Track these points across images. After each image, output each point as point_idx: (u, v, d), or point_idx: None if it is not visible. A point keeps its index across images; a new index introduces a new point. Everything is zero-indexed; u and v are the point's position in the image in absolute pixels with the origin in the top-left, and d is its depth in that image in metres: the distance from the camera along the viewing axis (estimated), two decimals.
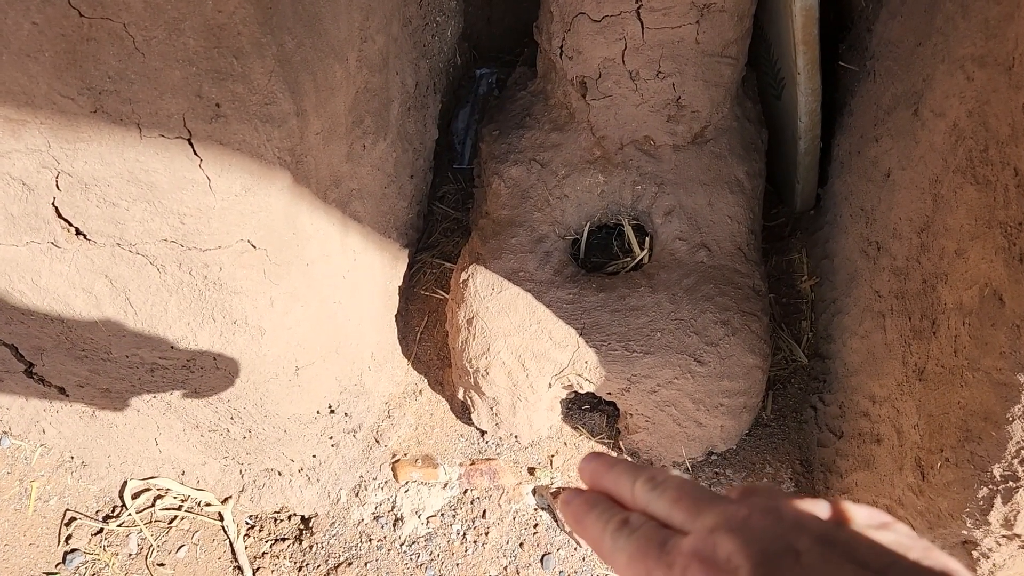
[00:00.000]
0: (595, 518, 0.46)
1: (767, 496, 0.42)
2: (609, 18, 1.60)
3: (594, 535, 0.46)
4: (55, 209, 1.09)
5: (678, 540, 0.41)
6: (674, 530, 0.42)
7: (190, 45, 0.96)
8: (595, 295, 1.65)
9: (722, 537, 0.39)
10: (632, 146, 1.77)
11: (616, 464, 0.48)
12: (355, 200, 1.52)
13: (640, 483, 0.46)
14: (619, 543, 0.43)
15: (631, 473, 0.47)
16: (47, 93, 0.95)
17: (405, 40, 1.70)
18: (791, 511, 0.40)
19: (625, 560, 0.43)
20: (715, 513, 0.41)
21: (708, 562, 0.38)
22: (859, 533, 0.38)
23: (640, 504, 0.45)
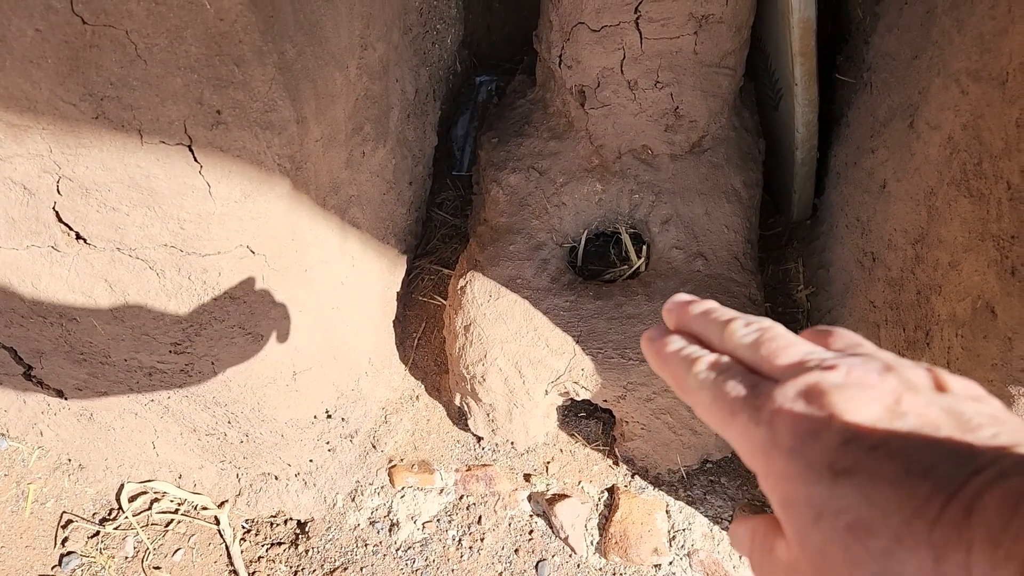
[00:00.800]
0: (681, 357, 0.45)
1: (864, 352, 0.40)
2: (608, 28, 1.61)
3: (678, 371, 0.44)
4: (56, 213, 1.10)
5: (769, 386, 0.39)
6: (763, 377, 0.41)
7: (192, 52, 0.97)
8: (592, 303, 1.66)
9: (815, 389, 0.37)
10: (630, 155, 1.78)
11: (704, 307, 0.47)
12: (354, 206, 1.53)
13: (731, 326, 0.44)
14: (705, 382, 0.42)
15: (721, 316, 0.45)
16: (49, 99, 0.96)
17: (405, 48, 1.71)
18: (895, 369, 0.38)
19: (709, 399, 0.42)
20: (811, 361, 0.39)
21: (799, 413, 0.37)
22: (960, 401, 0.36)
23: (729, 347, 0.44)
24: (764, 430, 0.38)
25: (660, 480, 1.77)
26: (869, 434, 0.35)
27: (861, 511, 0.34)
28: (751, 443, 0.39)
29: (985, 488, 0.31)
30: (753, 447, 0.39)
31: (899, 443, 0.34)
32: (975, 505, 0.31)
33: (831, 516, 0.35)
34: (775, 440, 0.37)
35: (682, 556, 1.68)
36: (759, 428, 0.38)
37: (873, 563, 0.33)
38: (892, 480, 0.33)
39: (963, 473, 0.32)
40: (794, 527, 0.37)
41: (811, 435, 0.36)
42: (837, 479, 0.35)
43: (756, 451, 0.39)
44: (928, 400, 0.36)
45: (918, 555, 0.32)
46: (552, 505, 1.73)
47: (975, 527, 0.31)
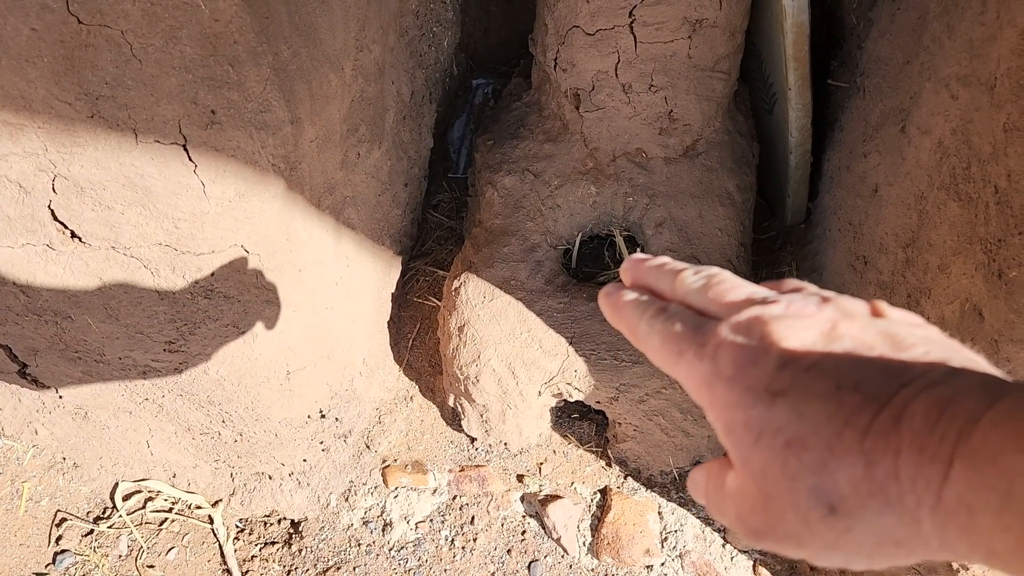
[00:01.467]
0: (634, 306, 0.47)
1: (805, 290, 0.42)
2: (603, 32, 1.62)
3: (631, 320, 0.46)
4: (51, 212, 1.10)
5: (713, 324, 0.41)
6: (711, 318, 0.43)
7: (186, 53, 0.98)
8: (585, 305, 1.67)
9: (757, 317, 0.39)
10: (624, 158, 1.79)
11: (658, 260, 0.49)
12: (349, 207, 1.54)
13: (681, 275, 0.46)
14: (655, 326, 0.44)
15: (673, 266, 0.47)
16: (45, 98, 0.97)
17: (401, 50, 1.72)
18: (832, 300, 0.40)
19: (658, 341, 0.44)
20: (754, 297, 0.41)
21: (739, 344, 0.39)
22: (895, 325, 0.38)
23: (679, 295, 0.46)
24: (707, 364, 0.40)
25: (652, 481, 1.78)
26: (804, 357, 0.36)
27: (796, 427, 0.35)
28: (696, 378, 0.41)
29: (913, 397, 0.33)
30: (698, 381, 0.40)
31: (832, 363, 0.36)
32: (903, 414, 0.33)
33: (769, 435, 0.36)
34: (717, 371, 0.39)
35: (674, 557, 1.69)
36: (703, 363, 0.40)
37: (809, 475, 0.35)
38: (824, 396, 0.35)
39: (893, 386, 0.34)
40: (737, 451, 0.38)
41: (750, 362, 0.38)
42: (774, 400, 0.36)
43: (701, 384, 0.40)
44: (864, 324, 0.38)
45: (849, 463, 0.34)
46: (545, 506, 1.74)
47: (903, 434, 0.32)
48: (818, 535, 0.36)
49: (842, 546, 0.35)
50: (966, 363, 0.35)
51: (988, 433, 0.30)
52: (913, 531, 0.33)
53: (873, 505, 0.33)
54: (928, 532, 0.33)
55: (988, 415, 0.31)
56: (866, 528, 0.34)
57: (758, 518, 0.38)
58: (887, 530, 0.34)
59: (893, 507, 0.33)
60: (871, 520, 0.34)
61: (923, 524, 0.33)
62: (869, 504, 0.34)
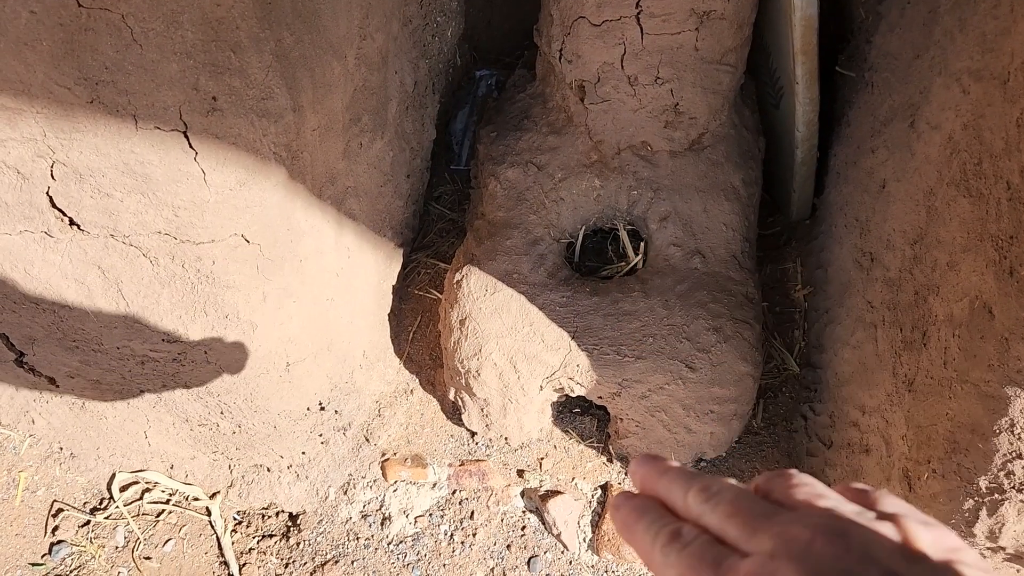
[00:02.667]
0: (645, 527, 0.44)
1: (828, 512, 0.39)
2: (609, 23, 1.60)
3: (644, 546, 0.44)
4: (49, 199, 1.09)
5: (734, 562, 0.38)
6: (728, 546, 0.40)
7: (188, 38, 0.96)
8: (588, 299, 1.65)
9: (784, 565, 0.36)
10: (629, 151, 1.77)
11: (669, 470, 0.46)
12: (351, 198, 1.52)
13: (693, 492, 0.43)
14: (670, 558, 0.41)
15: (684, 481, 0.44)
16: (44, 82, 0.95)
17: (405, 39, 1.70)
18: (859, 536, 0.37)
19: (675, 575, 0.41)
20: (774, 534, 0.38)
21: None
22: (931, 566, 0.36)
23: (693, 515, 0.43)
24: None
25: None
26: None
27: None
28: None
29: None
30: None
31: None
32: None
33: None
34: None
35: None
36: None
37: None
38: None
39: None
40: None
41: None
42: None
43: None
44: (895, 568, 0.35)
45: None
46: (545, 501, 1.72)
47: None
48: None
49: None
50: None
51: None
52: None
53: None
54: None
55: None
56: None
57: None
58: None
59: None
60: None
61: None
62: None
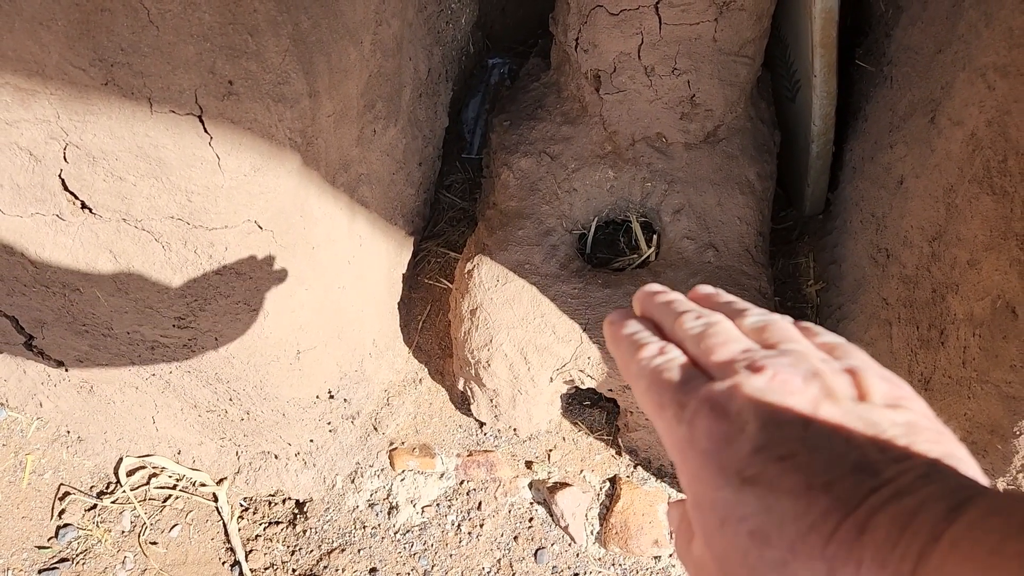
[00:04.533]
0: (630, 340, 0.46)
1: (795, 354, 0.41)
2: (627, 12, 1.58)
3: (624, 355, 0.46)
4: (62, 181, 1.08)
5: (698, 383, 0.40)
6: (700, 370, 0.42)
7: (205, 20, 0.95)
8: (600, 291, 1.64)
9: (739, 389, 0.38)
10: (644, 142, 1.75)
11: (669, 296, 0.48)
12: (363, 185, 1.51)
13: (682, 318, 0.45)
14: (644, 368, 0.43)
15: (678, 307, 0.46)
16: (58, 63, 0.94)
17: (420, 26, 1.69)
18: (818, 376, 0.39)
19: (644, 386, 0.43)
20: (742, 362, 0.40)
21: (718, 411, 0.38)
22: (876, 411, 0.37)
23: (677, 338, 0.45)
24: (685, 428, 0.39)
25: (663, 472, 1.76)
26: (779, 444, 0.36)
27: (761, 520, 0.35)
28: (672, 439, 0.40)
29: (880, 507, 0.33)
30: (673, 443, 0.40)
31: (806, 455, 0.35)
32: (868, 524, 0.33)
33: (734, 522, 0.36)
34: (693, 440, 0.38)
35: None
36: (681, 426, 0.39)
37: (769, 571, 0.35)
38: (793, 492, 0.35)
39: (862, 490, 0.34)
40: (702, 529, 0.38)
41: (725, 440, 0.37)
42: (743, 486, 0.36)
43: (675, 447, 0.40)
44: (846, 409, 0.37)
45: (811, 568, 0.34)
46: (553, 493, 1.72)
47: (866, 545, 0.33)
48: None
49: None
50: (944, 456, 0.35)
51: (946, 555, 0.30)
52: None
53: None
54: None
55: (948, 533, 0.31)
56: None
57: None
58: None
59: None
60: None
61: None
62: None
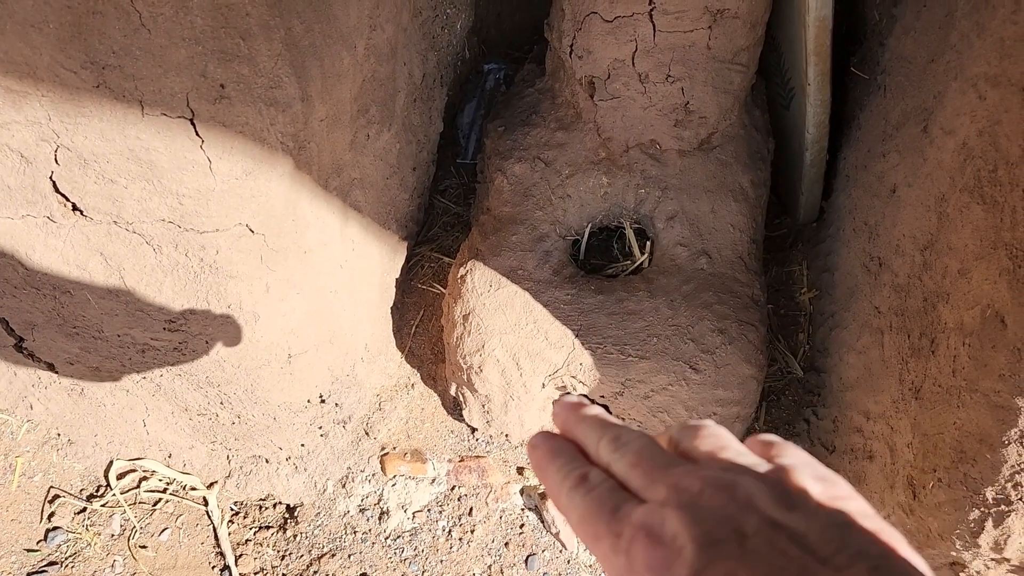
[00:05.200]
0: (556, 469, 0.46)
1: (724, 463, 0.41)
2: (621, 19, 1.58)
3: (553, 487, 0.46)
4: (52, 183, 1.07)
5: (630, 509, 0.40)
6: (631, 494, 0.42)
7: (197, 24, 0.95)
8: (593, 297, 1.64)
9: (671, 513, 0.38)
10: (638, 149, 1.75)
11: (586, 417, 0.48)
12: (356, 189, 1.51)
13: (605, 441, 0.45)
14: (575, 500, 0.43)
15: (598, 429, 0.46)
16: (50, 65, 0.94)
17: (414, 31, 1.69)
18: (745, 487, 0.39)
19: (577, 518, 0.43)
20: (669, 485, 0.40)
21: (654, 537, 0.38)
22: (812, 511, 0.38)
23: (602, 462, 0.45)
24: (623, 559, 0.39)
25: None
26: (717, 564, 0.36)
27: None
28: (613, 571, 0.40)
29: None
30: (614, 573, 0.40)
31: (745, 573, 0.35)
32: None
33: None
34: (632, 570, 0.38)
35: None
36: (618, 556, 0.39)
37: None
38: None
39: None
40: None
41: (663, 567, 0.37)
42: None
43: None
44: (779, 519, 0.37)
45: None
46: (544, 500, 1.71)
47: None
48: None
49: None
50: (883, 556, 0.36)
51: None
52: None
53: None
54: None
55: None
56: None
57: None
58: None
59: None
60: None
61: None
62: None
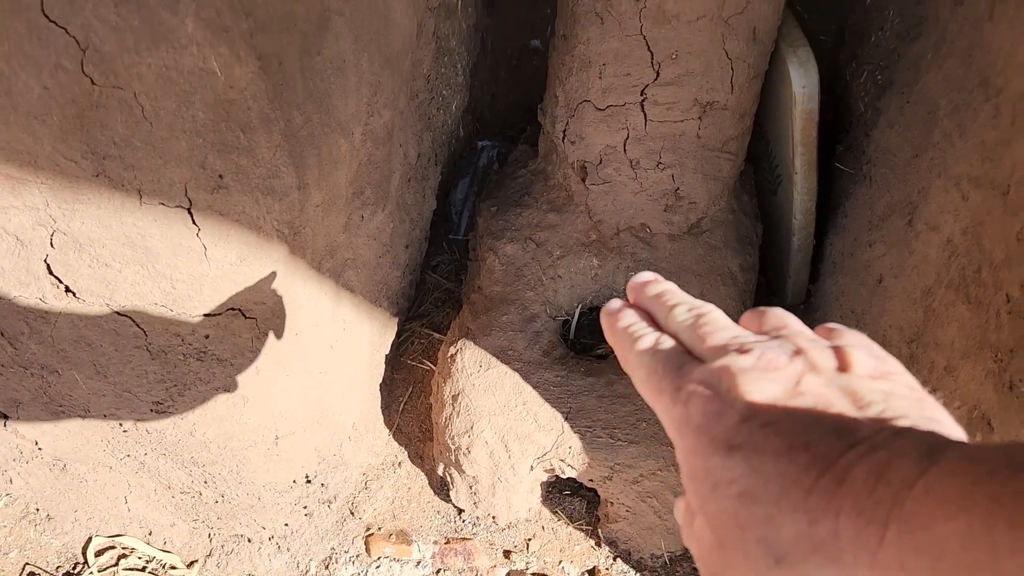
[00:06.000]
0: (629, 333, 0.49)
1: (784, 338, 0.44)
2: (613, 108, 1.62)
3: (624, 347, 0.49)
4: (47, 266, 1.08)
5: (692, 367, 0.43)
6: (694, 358, 0.44)
7: (199, 118, 0.97)
8: (583, 379, 1.64)
9: (728, 369, 0.41)
10: (628, 232, 1.78)
11: (660, 289, 0.51)
12: (349, 270, 1.52)
13: (675, 312, 0.48)
14: (643, 359, 0.46)
15: (670, 298, 0.49)
16: (51, 154, 0.95)
17: (411, 113, 1.72)
18: (802, 354, 0.41)
19: (643, 375, 0.46)
20: (731, 347, 0.43)
21: (710, 391, 0.41)
22: (858, 381, 0.40)
23: (671, 328, 0.48)
24: (680, 409, 0.42)
25: (643, 564, 1.73)
26: (764, 412, 0.39)
27: (749, 481, 0.38)
28: (670, 420, 0.43)
29: (856, 461, 0.35)
30: (671, 423, 0.43)
31: (789, 421, 0.38)
32: (846, 476, 0.35)
33: (724, 486, 0.39)
34: (688, 418, 0.42)
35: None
36: (676, 407, 0.42)
37: (757, 527, 0.38)
38: (776, 453, 0.37)
39: (840, 447, 0.36)
40: (696, 497, 0.41)
41: (716, 415, 0.40)
42: (731, 453, 0.39)
43: (673, 427, 0.43)
44: (828, 380, 0.40)
45: (794, 519, 0.36)
46: None
47: (844, 495, 0.35)
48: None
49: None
50: (919, 422, 0.37)
51: (920, 499, 0.32)
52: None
53: (815, 560, 0.36)
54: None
55: (922, 481, 0.33)
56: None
57: (715, 560, 0.41)
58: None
59: (833, 562, 0.36)
60: (813, 572, 0.36)
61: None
62: (811, 559, 0.36)
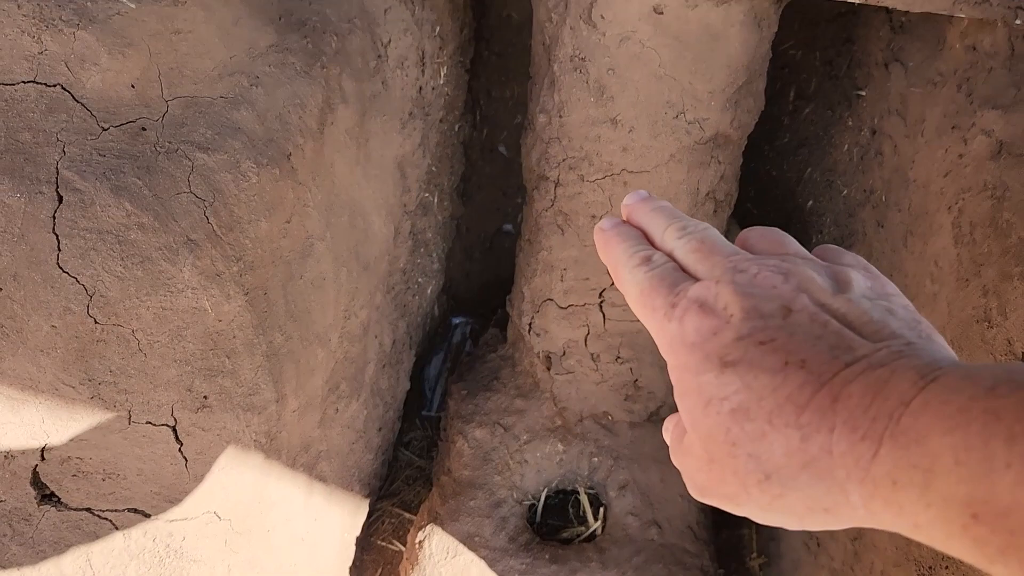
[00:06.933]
0: (622, 249, 0.48)
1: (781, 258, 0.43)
2: (574, 307, 1.75)
3: (618, 263, 0.48)
4: (35, 476, 1.15)
5: (687, 285, 0.43)
6: (689, 275, 0.44)
7: (189, 348, 1.07)
8: (547, 567, 1.69)
9: (724, 288, 0.41)
10: (591, 419, 1.87)
11: (656, 207, 0.50)
12: (322, 461, 1.59)
13: (670, 229, 0.47)
14: (637, 276, 0.46)
15: (665, 218, 0.49)
16: (52, 381, 1.04)
17: (387, 305, 1.84)
18: (797, 273, 0.41)
19: (637, 292, 0.45)
20: (725, 267, 0.42)
21: (706, 308, 0.40)
22: (855, 301, 0.39)
23: (666, 247, 0.47)
24: (675, 325, 0.42)
25: None
26: (760, 331, 0.39)
27: (742, 397, 0.38)
28: (663, 337, 0.43)
29: (852, 378, 0.35)
30: (664, 340, 0.43)
31: (784, 338, 0.38)
32: (841, 393, 0.35)
33: (717, 402, 0.39)
34: (682, 335, 0.41)
35: None
36: (671, 323, 0.42)
37: (749, 443, 0.38)
38: (771, 370, 0.37)
39: (836, 365, 0.36)
40: (688, 413, 0.41)
41: (711, 331, 0.40)
42: (725, 370, 0.39)
43: (666, 344, 0.43)
44: (825, 299, 0.40)
45: (786, 435, 0.36)
46: None
47: (838, 412, 0.35)
48: (754, 498, 0.39)
49: (776, 509, 0.39)
50: (917, 342, 0.37)
51: (916, 415, 0.32)
52: (841, 500, 0.36)
53: (805, 476, 0.36)
54: (856, 502, 0.35)
55: (919, 398, 0.33)
56: (798, 495, 0.37)
57: (703, 476, 0.41)
58: (817, 498, 0.37)
59: (823, 478, 0.36)
60: (802, 489, 0.37)
61: (851, 495, 0.35)
62: (801, 475, 0.36)
